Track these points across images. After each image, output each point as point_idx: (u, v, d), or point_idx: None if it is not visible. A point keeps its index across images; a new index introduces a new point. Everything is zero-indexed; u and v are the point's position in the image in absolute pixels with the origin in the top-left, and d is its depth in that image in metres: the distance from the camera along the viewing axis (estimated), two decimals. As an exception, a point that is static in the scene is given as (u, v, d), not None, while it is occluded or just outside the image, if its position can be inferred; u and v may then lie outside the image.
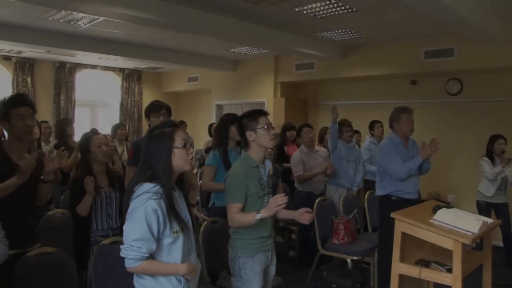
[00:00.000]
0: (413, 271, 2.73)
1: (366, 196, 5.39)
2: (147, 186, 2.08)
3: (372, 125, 6.50)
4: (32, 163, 2.56)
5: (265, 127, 2.78)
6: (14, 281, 2.56)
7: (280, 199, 2.48)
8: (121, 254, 2.04)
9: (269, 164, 2.89)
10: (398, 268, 2.79)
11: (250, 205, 2.73)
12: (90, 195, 3.13)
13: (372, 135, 6.49)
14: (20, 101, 2.76)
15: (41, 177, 2.74)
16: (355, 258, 4.53)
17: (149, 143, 2.16)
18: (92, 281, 2.87)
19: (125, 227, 2.06)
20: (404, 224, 2.78)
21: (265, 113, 2.86)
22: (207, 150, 5.49)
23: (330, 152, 5.53)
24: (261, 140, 2.77)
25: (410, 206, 3.33)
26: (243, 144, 2.90)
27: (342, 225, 4.64)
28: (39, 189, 2.82)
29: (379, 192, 4.37)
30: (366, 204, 5.31)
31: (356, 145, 5.92)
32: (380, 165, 4.35)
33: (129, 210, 2.07)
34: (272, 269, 2.94)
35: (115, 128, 6.74)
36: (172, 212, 2.09)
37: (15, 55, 8.86)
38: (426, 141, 4.02)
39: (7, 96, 2.79)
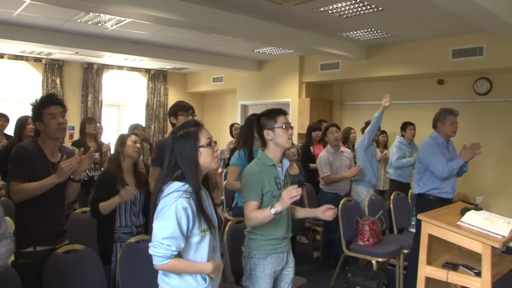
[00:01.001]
0: (440, 274, 2.69)
1: (392, 197, 5.33)
2: (176, 184, 2.09)
3: (404, 126, 6.39)
4: (73, 165, 2.65)
5: (283, 126, 2.74)
6: (45, 276, 2.64)
7: (294, 190, 2.39)
8: (150, 252, 2.06)
9: (287, 163, 2.85)
10: (425, 270, 2.75)
11: (266, 204, 2.68)
12: (120, 199, 3.18)
13: (403, 135, 6.39)
14: (51, 100, 2.84)
15: (71, 176, 2.81)
16: (380, 259, 4.48)
17: (174, 144, 2.16)
18: (116, 275, 2.94)
19: (155, 225, 2.07)
20: (431, 226, 2.74)
21: (283, 112, 2.83)
22: (233, 150, 5.50)
23: (363, 148, 5.43)
24: (278, 139, 2.74)
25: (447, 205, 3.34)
26: (262, 143, 2.86)
27: (367, 226, 4.61)
28: (69, 187, 2.89)
29: (416, 190, 4.42)
30: (391, 205, 5.24)
31: (375, 146, 5.88)
32: (421, 162, 4.35)
33: (158, 208, 2.08)
34: (290, 271, 2.85)
35: (133, 129, 6.68)
36: (200, 211, 2.10)
37: (45, 57, 9.09)
38: (467, 144, 4.09)
39: (38, 98, 2.88)
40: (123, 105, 10.93)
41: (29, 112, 2.92)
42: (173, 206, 2.02)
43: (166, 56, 8.43)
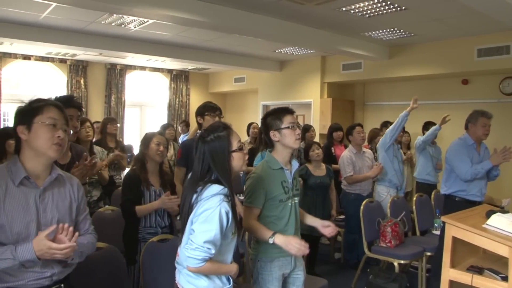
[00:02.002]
0: (465, 277, 2.64)
1: (414, 198, 5.26)
2: (216, 187, 2.08)
3: (427, 126, 6.31)
4: (86, 171, 2.72)
5: (290, 127, 2.64)
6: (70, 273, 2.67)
7: (304, 248, 2.39)
8: (188, 254, 2.03)
9: (296, 165, 2.76)
10: (449, 274, 2.71)
11: (271, 209, 2.62)
12: (157, 206, 3.23)
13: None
14: (69, 103, 2.83)
15: None
16: (402, 262, 4.43)
17: (205, 148, 2.14)
18: (140, 275, 2.95)
19: (197, 228, 2.05)
20: (455, 228, 2.69)
21: (290, 111, 2.72)
22: (251, 151, 5.50)
23: (385, 148, 5.37)
24: (285, 140, 2.64)
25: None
26: (269, 144, 2.76)
27: (389, 228, 4.56)
28: None
29: (443, 190, 4.40)
30: (414, 207, 5.18)
31: (399, 147, 5.81)
32: (448, 163, 4.33)
33: (198, 210, 2.06)
34: (300, 274, 2.76)
35: (164, 128, 6.85)
36: (234, 214, 2.11)
37: (70, 58, 9.26)
38: (499, 146, 4.06)
39: (56, 97, 2.83)
40: (146, 105, 11.06)
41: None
42: (217, 209, 2.02)
43: (188, 56, 8.49)
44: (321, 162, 4.92)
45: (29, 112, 1.98)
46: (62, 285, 2.04)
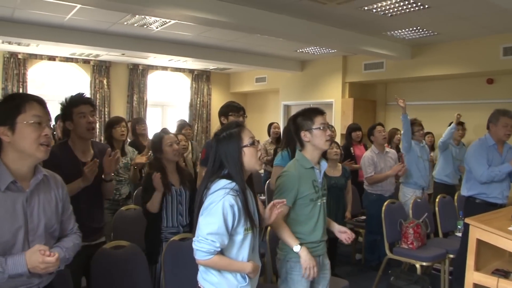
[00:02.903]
0: (490, 281, 2.58)
1: (437, 200, 5.18)
2: (223, 182, 2.12)
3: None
4: (95, 170, 2.71)
5: (321, 128, 2.67)
6: (93, 269, 2.74)
7: (314, 271, 2.52)
8: (194, 246, 2.08)
9: (325, 165, 2.79)
10: (473, 277, 2.66)
11: (302, 208, 2.65)
12: (158, 192, 3.20)
13: None
14: (80, 99, 2.85)
15: (103, 176, 2.87)
16: (424, 263, 4.37)
17: (218, 145, 2.19)
18: (162, 274, 2.97)
19: (200, 220, 2.09)
20: (479, 231, 2.65)
21: (321, 112, 2.74)
22: (276, 151, 5.49)
23: (405, 151, 5.33)
24: (316, 140, 2.67)
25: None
26: (299, 144, 2.80)
27: (411, 229, 4.50)
28: (102, 187, 2.95)
29: (463, 192, 4.32)
30: (437, 208, 5.10)
31: (426, 145, 5.70)
32: (466, 164, 4.26)
33: (205, 204, 2.11)
34: (326, 273, 2.81)
35: (180, 128, 6.69)
36: (245, 209, 2.11)
37: (93, 58, 9.41)
38: None
39: (67, 97, 2.88)
40: (167, 105, 11.15)
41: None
42: (221, 202, 2.04)
43: (210, 56, 8.53)
44: (337, 162, 4.86)
45: (9, 111, 1.82)
46: None
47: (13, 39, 7.06)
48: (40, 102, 1.89)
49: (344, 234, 2.73)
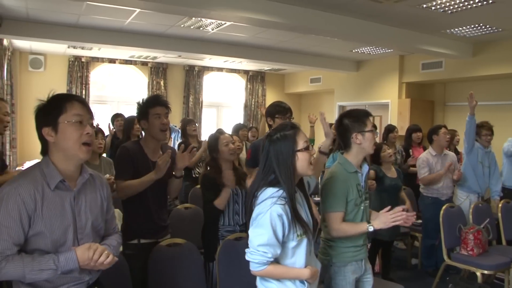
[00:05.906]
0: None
1: (500, 205, 4.94)
2: (270, 191, 2.08)
3: None
4: (168, 160, 2.79)
5: (372, 130, 2.63)
6: (150, 266, 2.84)
7: (399, 216, 2.38)
8: (247, 258, 2.07)
9: (366, 169, 2.71)
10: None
11: (346, 213, 2.58)
12: (228, 188, 3.24)
13: None
14: (157, 101, 2.98)
15: (173, 172, 2.95)
16: (486, 272, 4.18)
17: (270, 147, 2.14)
18: (217, 272, 3.02)
19: (250, 232, 2.08)
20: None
21: (370, 115, 2.69)
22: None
23: (466, 153, 5.13)
24: (366, 143, 2.61)
25: None
26: (343, 146, 2.72)
27: (471, 235, 4.32)
28: (171, 184, 3.02)
29: None
30: (500, 214, 4.86)
31: (493, 151, 5.43)
32: None
33: (253, 215, 2.08)
34: (369, 278, 2.74)
35: (237, 129, 6.81)
36: (295, 216, 2.07)
37: (151, 60, 9.72)
38: None
39: (145, 98, 3.05)
40: (222, 105, 11.32)
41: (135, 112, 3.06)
42: (268, 213, 2.01)
43: (264, 57, 8.57)
44: (391, 165, 4.74)
45: (52, 112, 1.85)
46: (96, 287, 2.01)
47: (77, 43, 7.42)
48: (80, 101, 1.92)
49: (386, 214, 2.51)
